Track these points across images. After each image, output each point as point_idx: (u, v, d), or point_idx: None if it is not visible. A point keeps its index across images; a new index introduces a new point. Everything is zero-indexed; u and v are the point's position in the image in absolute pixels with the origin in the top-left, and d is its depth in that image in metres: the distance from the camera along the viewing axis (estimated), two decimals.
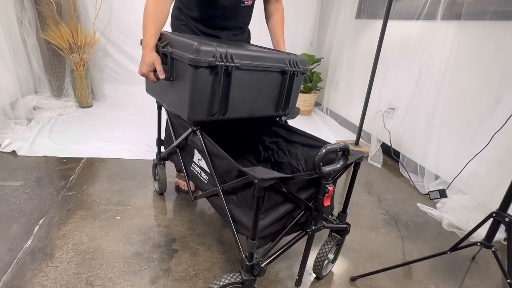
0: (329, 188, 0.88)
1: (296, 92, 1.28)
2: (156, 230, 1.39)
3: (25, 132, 2.20)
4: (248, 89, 1.13)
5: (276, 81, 1.20)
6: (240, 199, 0.97)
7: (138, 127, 2.52)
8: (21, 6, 2.52)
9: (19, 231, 1.30)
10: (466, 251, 1.43)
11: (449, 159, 1.88)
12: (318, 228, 0.99)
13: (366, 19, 2.77)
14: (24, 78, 2.59)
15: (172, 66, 1.10)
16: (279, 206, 0.92)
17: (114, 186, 1.69)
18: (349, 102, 3.03)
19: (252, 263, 0.90)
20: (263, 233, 0.92)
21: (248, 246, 0.89)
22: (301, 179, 0.89)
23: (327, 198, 0.90)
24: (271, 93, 1.21)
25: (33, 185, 1.63)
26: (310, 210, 0.97)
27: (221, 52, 1.01)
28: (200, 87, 1.02)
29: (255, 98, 1.17)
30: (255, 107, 1.19)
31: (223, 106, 1.10)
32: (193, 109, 1.05)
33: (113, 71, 3.17)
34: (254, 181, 0.80)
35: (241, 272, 0.92)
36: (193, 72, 0.99)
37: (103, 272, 1.13)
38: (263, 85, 1.16)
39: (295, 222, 0.97)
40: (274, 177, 0.80)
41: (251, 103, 1.17)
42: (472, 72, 1.76)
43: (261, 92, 1.17)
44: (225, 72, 1.04)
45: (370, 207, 1.74)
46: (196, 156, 1.20)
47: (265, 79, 1.16)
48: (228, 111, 1.12)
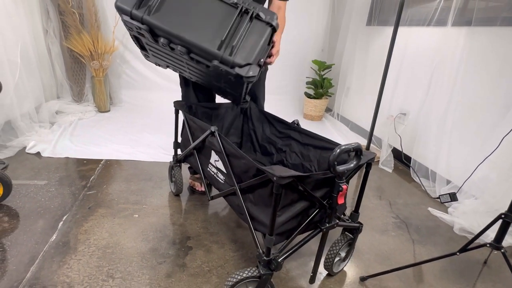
0: (343, 186, 0.92)
1: (251, 41, 1.04)
2: (171, 228, 1.44)
3: (49, 134, 2.31)
4: (185, 4, 1.01)
5: (222, 12, 1.04)
6: (257, 197, 1.02)
7: (153, 130, 2.61)
8: (47, 17, 2.68)
9: (44, 226, 1.38)
10: (478, 255, 1.43)
11: (461, 164, 1.88)
12: (332, 225, 1.03)
13: (377, 26, 2.81)
14: (48, 84, 2.73)
15: None
16: (295, 204, 0.97)
17: (131, 186, 1.76)
18: (360, 108, 3.05)
19: (270, 258, 0.95)
20: (279, 230, 0.96)
21: (266, 241, 0.93)
22: (316, 177, 0.94)
23: (341, 196, 0.95)
24: (214, 23, 1.03)
25: (56, 184, 1.72)
26: (324, 208, 1.01)
27: None
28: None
29: (193, 18, 1.02)
30: (191, 29, 1.01)
31: (155, 2, 0.99)
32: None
33: (130, 77, 3.29)
34: (273, 179, 0.84)
35: (259, 266, 0.96)
36: None
37: (122, 266, 1.20)
38: (207, 7, 1.03)
39: (310, 220, 1.02)
40: (292, 175, 0.84)
41: (186, 21, 1.01)
42: (483, 77, 1.77)
43: (203, 16, 1.02)
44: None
45: (380, 211, 1.76)
46: (213, 158, 1.26)
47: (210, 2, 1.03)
48: (159, 12, 0.99)
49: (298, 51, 3.49)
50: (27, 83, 2.33)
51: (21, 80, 2.24)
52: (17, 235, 1.31)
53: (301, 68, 3.56)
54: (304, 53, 3.51)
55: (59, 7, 2.67)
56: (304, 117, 3.46)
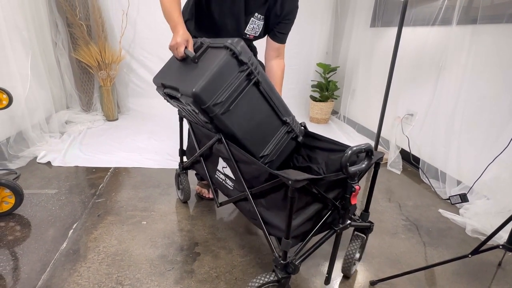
0: (355, 187, 0.93)
1: (283, 152, 1.29)
2: (179, 234, 1.45)
3: (59, 144, 2.36)
4: (251, 111, 1.14)
5: (275, 126, 1.23)
6: (270, 201, 1.02)
7: (160, 138, 2.64)
8: (56, 29, 2.75)
9: (55, 235, 1.40)
10: (492, 257, 1.40)
11: (471, 164, 1.85)
12: (345, 226, 1.03)
13: (381, 27, 2.79)
14: (57, 95, 2.79)
15: (203, 53, 1.14)
16: (309, 206, 0.98)
17: (139, 194, 1.78)
18: (366, 109, 3.03)
19: (286, 261, 0.95)
20: (294, 233, 0.97)
21: (283, 245, 0.93)
22: (329, 179, 0.94)
23: (354, 197, 0.96)
24: (265, 133, 1.21)
25: (66, 193, 1.75)
26: (337, 209, 1.01)
27: (254, 61, 1.08)
28: (223, 71, 1.03)
29: (251, 125, 1.16)
30: (247, 134, 1.16)
31: (227, 103, 1.08)
32: (204, 87, 1.02)
33: (137, 85, 3.35)
34: (288, 183, 0.85)
35: (276, 271, 0.96)
36: (226, 56, 1.03)
37: (131, 273, 1.20)
38: (263, 119, 1.18)
39: (323, 221, 1.02)
40: (306, 178, 0.85)
41: (246, 126, 1.15)
42: (491, 75, 1.74)
43: (259, 125, 1.18)
44: (247, 76, 1.08)
45: (389, 213, 1.73)
46: (220, 164, 1.26)
47: (268, 115, 1.19)
48: (229, 111, 1.09)
49: (303, 54, 3.50)
50: (38, 94, 2.39)
51: (32, 92, 2.29)
52: (28, 244, 1.34)
53: (306, 71, 3.57)
54: (309, 56, 3.52)
55: (67, 20, 2.74)
56: (310, 120, 3.45)
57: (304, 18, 3.32)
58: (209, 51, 1.13)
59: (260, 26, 1.41)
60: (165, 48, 3.44)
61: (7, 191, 1.48)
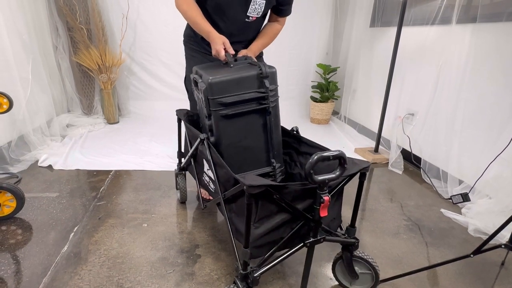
0: (324, 198, 0.86)
1: None
2: (180, 236, 1.45)
3: (60, 148, 2.37)
4: (247, 132, 1.22)
5: (259, 161, 1.29)
6: (238, 207, 1.00)
7: (161, 140, 2.64)
8: (56, 33, 2.77)
9: (56, 238, 1.40)
10: (495, 256, 1.39)
11: (473, 163, 1.84)
12: (318, 240, 0.96)
13: (380, 27, 2.79)
14: (58, 99, 2.80)
15: (239, 63, 1.25)
16: (275, 216, 0.92)
17: (140, 196, 1.78)
18: (367, 110, 3.03)
19: (246, 272, 0.90)
20: (257, 242, 0.92)
21: (241, 254, 0.89)
22: (295, 188, 0.88)
23: (324, 209, 0.88)
24: (246, 161, 1.26)
25: (67, 196, 1.75)
26: (309, 221, 0.95)
27: (276, 94, 1.20)
28: (242, 80, 1.15)
29: (239, 144, 1.22)
30: (230, 148, 1.22)
31: (230, 109, 1.16)
32: (220, 81, 1.12)
33: (137, 88, 3.35)
34: (243, 188, 0.81)
35: (236, 281, 0.92)
36: (254, 72, 1.15)
37: (132, 276, 1.20)
38: (253, 147, 1.25)
39: (295, 234, 0.96)
40: (263, 184, 0.80)
41: (234, 141, 1.22)
42: (491, 74, 1.74)
43: (246, 149, 1.24)
44: (261, 99, 1.18)
45: (391, 214, 1.73)
46: (205, 166, 1.26)
47: (259, 146, 1.26)
48: (228, 119, 1.17)
49: (303, 55, 3.50)
50: (39, 98, 2.40)
51: (33, 96, 2.30)
52: (30, 247, 1.34)
53: (306, 72, 3.56)
54: (309, 57, 3.51)
55: (67, 24, 2.75)
56: (311, 121, 3.45)
57: (303, 19, 3.32)
58: (246, 65, 1.23)
59: (261, 6, 1.41)
60: (165, 51, 3.46)
61: (9, 195, 1.49)
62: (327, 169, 0.91)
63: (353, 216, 1.10)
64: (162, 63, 3.24)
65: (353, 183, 1.08)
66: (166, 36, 3.10)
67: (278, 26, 1.56)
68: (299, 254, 1.00)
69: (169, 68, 3.24)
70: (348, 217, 1.12)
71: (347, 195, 1.22)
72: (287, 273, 1.25)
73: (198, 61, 1.50)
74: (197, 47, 1.55)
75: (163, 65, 3.25)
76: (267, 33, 1.55)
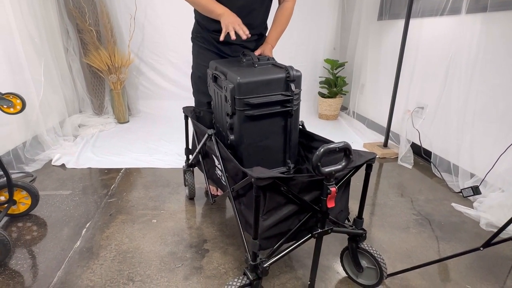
0: (331, 189, 0.87)
1: None
2: (188, 232, 1.47)
3: (72, 147, 2.43)
4: (268, 132, 1.22)
5: (276, 161, 1.29)
6: (248, 200, 1.01)
7: (170, 138, 2.68)
8: (67, 36, 2.83)
9: (69, 234, 1.45)
10: (507, 250, 1.36)
11: (485, 156, 1.79)
12: (326, 231, 0.97)
13: (388, 20, 2.75)
14: (70, 100, 2.87)
15: (263, 64, 1.25)
16: (283, 207, 0.93)
17: (150, 193, 1.81)
18: (376, 104, 2.99)
19: (256, 263, 0.92)
20: (266, 234, 0.94)
21: (250, 245, 0.91)
22: (302, 180, 0.90)
23: (331, 200, 0.90)
24: (264, 160, 1.25)
25: (80, 194, 1.80)
26: (316, 212, 0.96)
27: (299, 98, 1.20)
28: (271, 83, 1.16)
29: (260, 144, 1.22)
30: (251, 148, 1.21)
31: (255, 110, 1.15)
32: (249, 82, 1.12)
33: (146, 88, 3.40)
34: (252, 181, 0.83)
35: (246, 272, 0.94)
36: (282, 74, 1.15)
37: (142, 269, 1.23)
38: (272, 148, 1.25)
39: (303, 225, 0.97)
40: (271, 176, 0.82)
41: (255, 141, 1.21)
42: (503, 63, 1.69)
43: (265, 149, 1.24)
44: (285, 102, 1.16)
45: (400, 208, 1.71)
46: (216, 161, 1.27)
47: (278, 147, 1.26)
48: (251, 120, 1.17)
49: (310, 51, 3.47)
50: (51, 99, 2.46)
51: (45, 97, 2.37)
52: (45, 243, 1.39)
53: (314, 68, 3.54)
54: (316, 52, 3.49)
55: (77, 26, 2.81)
56: (319, 117, 3.43)
57: (310, 14, 3.30)
58: (270, 66, 1.23)
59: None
60: (173, 50, 3.49)
61: (24, 193, 1.54)
62: (333, 162, 0.92)
63: (360, 207, 1.10)
64: (170, 62, 3.28)
65: (361, 177, 1.07)
66: (174, 36, 3.13)
67: (289, 4, 1.48)
68: (307, 248, 1.01)
69: (177, 67, 3.27)
70: (356, 211, 1.12)
71: (356, 189, 1.22)
72: (295, 266, 1.26)
73: (206, 58, 1.49)
74: (205, 44, 1.54)
75: (171, 64, 3.29)
76: (278, 19, 1.48)
